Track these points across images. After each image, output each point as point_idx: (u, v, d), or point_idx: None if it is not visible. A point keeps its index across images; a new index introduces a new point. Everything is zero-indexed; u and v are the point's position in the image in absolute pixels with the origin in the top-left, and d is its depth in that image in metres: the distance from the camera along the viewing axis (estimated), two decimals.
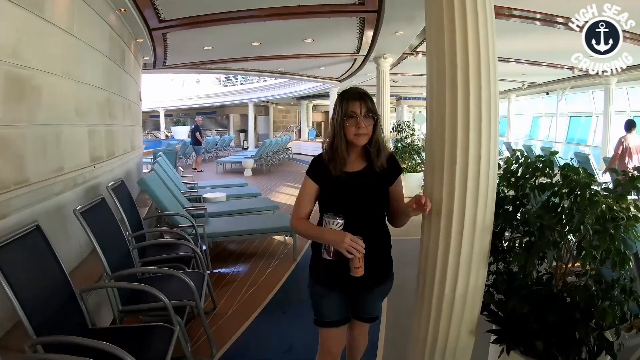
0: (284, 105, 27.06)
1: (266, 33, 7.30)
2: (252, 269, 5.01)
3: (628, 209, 2.13)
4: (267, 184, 11.91)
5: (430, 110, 2.16)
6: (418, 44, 8.34)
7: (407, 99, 21.04)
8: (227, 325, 3.67)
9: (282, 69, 12.55)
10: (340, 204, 2.11)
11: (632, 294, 2.10)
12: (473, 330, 2.29)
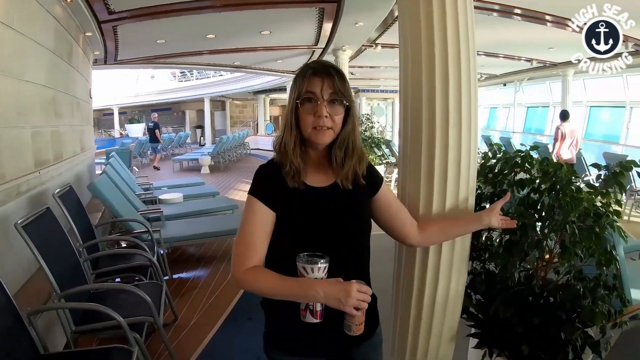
0: (241, 100, 26.72)
1: (222, 25, 7.05)
2: (213, 274, 4.79)
3: (609, 204, 2.08)
4: (225, 181, 11.67)
5: (404, 106, 1.98)
6: (377, 35, 8.25)
7: (365, 92, 21.01)
8: (189, 338, 3.46)
9: (239, 63, 12.26)
10: (312, 236, 1.44)
11: (615, 290, 2.07)
12: (454, 336, 2.18)
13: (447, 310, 2.07)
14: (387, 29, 7.48)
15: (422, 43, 1.83)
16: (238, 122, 27.81)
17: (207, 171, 13.54)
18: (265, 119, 24.62)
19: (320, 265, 1.35)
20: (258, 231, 1.43)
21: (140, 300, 2.66)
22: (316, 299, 1.32)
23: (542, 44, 8.53)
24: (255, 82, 18.74)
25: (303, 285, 1.34)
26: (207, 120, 24.02)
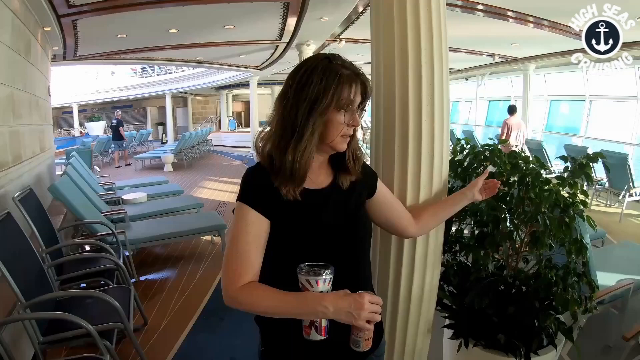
0: (203, 95, 26.30)
1: (185, 19, 6.89)
2: (181, 274, 4.69)
3: (576, 195, 2.14)
4: (189, 179, 11.48)
5: (376, 100, 1.97)
6: (341, 31, 8.25)
7: None
8: (161, 342, 3.36)
9: (201, 58, 12.05)
10: (314, 245, 1.31)
11: (584, 277, 2.15)
12: (430, 328, 2.20)
13: (423, 303, 2.09)
14: (351, 24, 7.48)
15: (395, 38, 1.83)
16: (200, 118, 27.35)
17: (170, 169, 13.29)
18: (228, 115, 24.36)
19: (325, 277, 1.21)
20: (252, 243, 1.27)
21: (109, 306, 2.57)
22: (325, 315, 1.19)
23: (504, 40, 8.71)
24: (218, 78, 18.48)
25: (309, 301, 1.20)
26: (169, 117, 23.52)
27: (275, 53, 10.66)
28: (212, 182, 10.86)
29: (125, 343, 3.23)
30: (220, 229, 5.02)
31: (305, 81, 1.25)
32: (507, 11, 6.17)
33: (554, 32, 7.01)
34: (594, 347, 3.32)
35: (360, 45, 9.22)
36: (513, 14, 6.26)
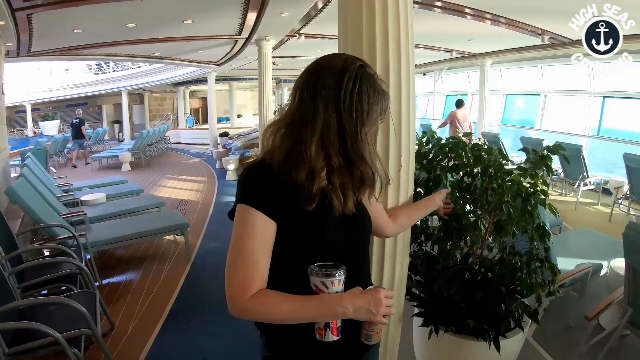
0: (160, 92, 25.71)
1: (143, 13, 6.68)
2: (145, 276, 4.61)
3: (536, 185, 2.23)
4: (147, 178, 11.25)
5: None
6: (301, 26, 8.21)
7: (287, 82, 21.05)
8: (129, 346, 3.30)
9: (159, 54, 11.77)
10: (324, 246, 1.28)
11: (547, 262, 2.25)
12: (401, 317, 2.26)
13: (394, 293, 2.13)
14: (311, 19, 7.46)
15: (364, 36, 1.86)
16: (157, 115, 26.74)
17: (128, 168, 12.98)
18: (186, 111, 23.89)
19: (339, 277, 1.19)
20: (261, 249, 1.20)
21: (76, 312, 2.51)
22: (345, 315, 1.18)
23: (462, 36, 8.84)
24: (175, 74, 18.08)
25: (328, 302, 1.18)
26: (125, 115, 22.89)
27: (234, 48, 10.52)
28: (171, 181, 10.69)
29: (93, 349, 3.14)
30: (182, 228, 4.96)
31: (352, 91, 1.19)
32: (465, 8, 6.28)
33: (511, 29, 7.20)
34: (557, 329, 3.50)
35: (320, 40, 9.22)
36: (471, 10, 6.38)
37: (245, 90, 24.39)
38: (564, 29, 7.27)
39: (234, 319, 3.05)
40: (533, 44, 8.47)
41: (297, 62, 14.34)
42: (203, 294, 4.22)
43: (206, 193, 8.93)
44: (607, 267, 3.69)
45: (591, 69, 9.25)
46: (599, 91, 9.48)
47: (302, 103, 1.21)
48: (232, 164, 10.28)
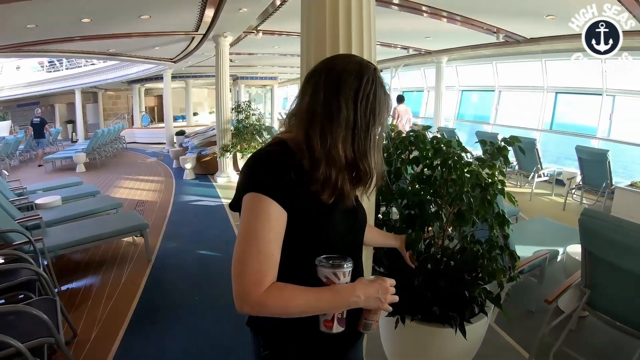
0: (114, 90, 25.01)
1: (99, 8, 6.52)
2: (105, 280, 4.49)
3: (494, 175, 2.30)
4: (103, 179, 10.94)
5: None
6: (259, 22, 8.16)
7: (244, 79, 20.92)
8: (94, 352, 3.21)
9: (114, 50, 11.49)
10: (333, 238, 1.29)
11: (506, 249, 2.33)
12: None
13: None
14: (269, 16, 7.43)
15: (327, 33, 1.86)
16: (112, 114, 25.96)
17: (83, 169, 12.58)
18: (141, 110, 23.29)
19: (348, 269, 1.22)
20: (275, 240, 1.17)
21: (36, 320, 2.42)
22: (357, 304, 1.22)
23: (419, 33, 9.00)
24: (131, 71, 17.68)
25: (342, 293, 1.20)
26: (79, 114, 22.17)
27: (191, 45, 10.39)
28: (128, 181, 10.43)
29: (57, 358, 3.04)
30: (141, 229, 4.86)
31: (369, 92, 1.24)
32: (422, 6, 6.39)
33: (466, 26, 7.39)
34: (519, 313, 3.66)
35: (277, 37, 9.21)
36: (427, 8, 6.49)
37: (201, 88, 24.09)
38: (519, 28, 7.52)
39: (198, 319, 2.98)
40: (488, 41, 8.71)
41: (254, 59, 14.26)
42: (166, 295, 4.16)
43: (164, 193, 8.77)
44: (563, 253, 3.87)
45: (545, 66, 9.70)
46: (552, 87, 9.84)
47: (326, 99, 1.22)
48: (189, 163, 10.14)
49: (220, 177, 9.58)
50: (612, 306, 2.73)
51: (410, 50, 11.07)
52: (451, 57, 11.35)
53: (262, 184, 1.17)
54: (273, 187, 1.17)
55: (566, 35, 7.52)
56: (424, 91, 14.24)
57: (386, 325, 2.60)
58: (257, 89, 22.15)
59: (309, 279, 1.21)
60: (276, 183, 1.18)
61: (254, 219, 1.16)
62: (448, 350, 2.45)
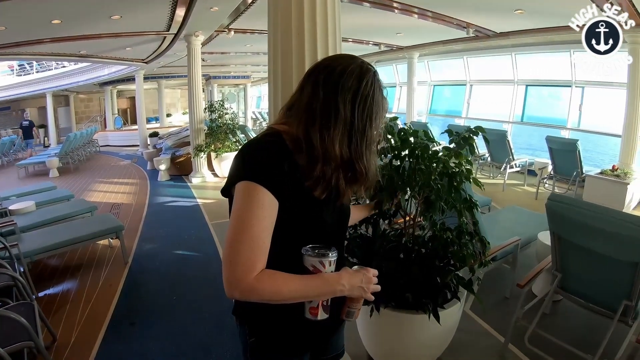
0: (86, 93, 24.58)
1: (69, 9, 6.41)
2: (82, 284, 4.44)
3: (461, 164, 2.36)
4: (78, 183, 10.78)
5: (274, 89, 2.02)
6: (230, 21, 8.12)
7: (216, 78, 20.79)
8: (74, 356, 3.18)
9: (85, 52, 11.28)
10: (319, 229, 1.35)
11: (476, 235, 2.39)
12: None
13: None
14: (240, 14, 7.40)
15: (293, 30, 1.88)
16: (84, 117, 25.50)
17: (56, 174, 12.34)
18: (114, 112, 22.97)
19: (332, 259, 1.26)
20: (267, 228, 1.20)
21: (16, 324, 2.40)
22: (342, 293, 1.27)
23: (390, 30, 9.08)
24: (102, 73, 17.41)
25: (329, 281, 1.25)
26: (51, 118, 21.70)
27: (162, 45, 10.28)
28: (102, 185, 10.30)
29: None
30: (117, 231, 4.83)
31: (367, 95, 1.28)
32: (393, 2, 6.44)
33: (437, 22, 7.48)
34: (493, 300, 3.76)
35: (249, 35, 9.18)
36: (399, 5, 6.55)
37: (174, 89, 23.87)
38: (488, 22, 7.64)
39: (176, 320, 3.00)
40: (459, 36, 8.82)
41: (227, 58, 14.17)
42: (144, 297, 4.15)
43: (139, 195, 8.69)
44: (535, 240, 3.97)
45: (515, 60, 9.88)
46: (522, 80, 10.03)
47: (325, 98, 1.25)
48: (164, 164, 10.05)
49: (195, 178, 9.52)
50: (583, 288, 2.82)
51: (382, 47, 11.13)
52: (422, 52, 11.45)
53: (257, 173, 1.20)
54: (267, 176, 1.19)
55: (535, 29, 7.68)
56: (396, 87, 14.39)
57: (361, 313, 2.64)
58: (230, 88, 22.00)
59: (295, 267, 1.25)
60: (270, 173, 1.20)
61: (247, 207, 1.18)
62: (424, 336, 2.51)
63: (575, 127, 8.96)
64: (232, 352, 3.14)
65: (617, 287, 2.56)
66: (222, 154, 9.69)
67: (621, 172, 6.41)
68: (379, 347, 2.79)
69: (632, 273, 2.43)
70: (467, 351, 3.06)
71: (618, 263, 2.49)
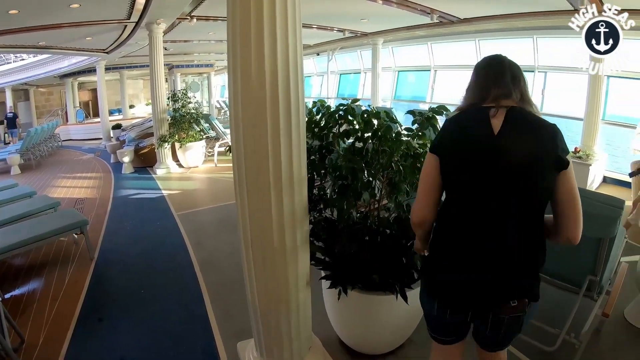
0: (46, 86, 23.83)
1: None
2: (48, 282, 4.33)
3: (425, 145, 2.38)
4: (40, 180, 10.45)
5: (234, 75, 1.99)
6: (192, 9, 7.97)
7: (180, 67, 20.43)
8: (44, 357, 3.10)
9: (44, 43, 10.88)
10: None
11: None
12: (308, 281, 2.33)
13: (298, 257, 2.20)
14: (202, 1, 7.27)
15: (252, 16, 1.86)
16: (45, 112, 24.76)
17: (17, 171, 11.92)
18: (75, 105, 22.31)
19: None
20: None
21: None
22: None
23: (355, 16, 9.04)
24: (63, 65, 16.93)
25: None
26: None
27: (123, 34, 10.00)
28: (65, 180, 10.03)
29: None
30: (81, 226, 4.72)
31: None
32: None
33: (402, 8, 7.47)
34: None
35: (212, 23, 9.03)
36: None
37: (136, 79, 23.40)
38: (452, 8, 7.70)
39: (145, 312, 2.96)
40: (423, 22, 8.87)
41: (189, 47, 13.95)
42: (111, 292, 4.08)
43: (103, 189, 8.51)
44: None
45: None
46: None
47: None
48: (127, 156, 9.85)
49: (159, 169, 9.37)
50: (548, 265, 2.89)
51: (347, 33, 11.09)
52: (387, 38, 11.46)
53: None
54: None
55: (498, 15, 7.78)
56: (361, 73, 14.43)
57: (329, 296, 2.65)
58: (193, 77, 21.67)
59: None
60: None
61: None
62: (392, 316, 2.54)
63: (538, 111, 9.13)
64: (203, 341, 3.13)
65: (582, 263, 2.63)
66: (187, 143, 9.55)
67: (583, 154, 6.62)
68: (349, 330, 2.82)
69: (596, 249, 2.51)
70: None
71: (583, 239, 2.55)
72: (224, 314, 3.44)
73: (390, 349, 2.83)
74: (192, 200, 7.13)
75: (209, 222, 5.91)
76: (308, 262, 2.32)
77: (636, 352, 2.93)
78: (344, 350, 2.88)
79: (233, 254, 4.56)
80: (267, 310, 2.28)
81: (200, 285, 3.99)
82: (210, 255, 4.65)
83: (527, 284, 1.58)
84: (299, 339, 2.40)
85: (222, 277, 4.10)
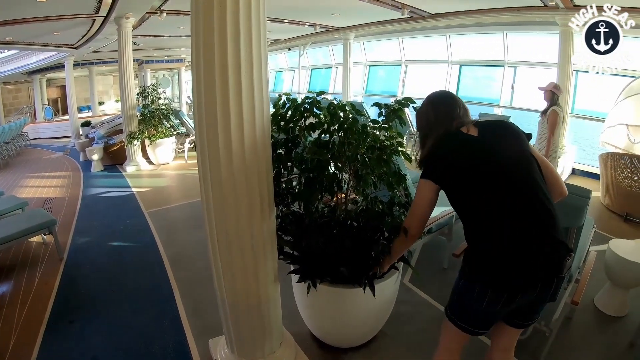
0: (14, 83, 23.15)
1: None
2: (17, 285, 4.20)
3: (392, 137, 2.39)
4: (7, 179, 10.18)
5: (197, 71, 1.97)
6: (161, 3, 7.84)
7: (149, 63, 20.11)
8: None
9: (10, 38, 10.56)
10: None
11: (409, 207, 2.41)
12: (276, 277, 2.33)
13: (266, 251, 2.20)
14: None
15: (215, 11, 1.83)
16: (12, 110, 24.11)
17: None
18: (43, 102, 21.77)
19: None
20: None
21: None
22: None
23: (326, 10, 9.03)
24: (30, 61, 16.54)
25: None
26: None
27: (92, 28, 9.78)
28: (34, 180, 9.78)
29: None
30: (50, 225, 4.61)
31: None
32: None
33: (373, 3, 7.49)
34: (432, 271, 3.87)
35: (182, 17, 8.90)
36: None
37: (106, 75, 22.89)
38: (423, 3, 7.75)
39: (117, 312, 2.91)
40: (394, 17, 8.90)
41: (159, 42, 13.75)
42: (81, 292, 4.00)
43: (72, 187, 8.33)
44: None
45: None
46: (457, 60, 10.29)
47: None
48: (97, 154, 9.64)
49: (129, 166, 9.21)
50: None
51: (318, 28, 11.07)
52: (358, 33, 11.49)
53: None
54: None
55: (468, 10, 7.87)
56: (332, 68, 14.46)
57: (299, 290, 2.65)
58: (164, 73, 21.35)
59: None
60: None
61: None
62: (362, 309, 2.54)
63: (507, 105, 9.29)
64: (174, 339, 3.09)
65: None
66: (157, 140, 9.41)
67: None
68: (320, 324, 2.82)
69: (565, 238, 2.56)
70: (410, 322, 3.14)
71: None
72: (194, 311, 3.42)
73: (363, 341, 2.84)
74: (162, 197, 7.04)
75: (179, 219, 5.85)
76: (276, 256, 2.31)
77: (606, 338, 3.02)
78: (316, 344, 2.89)
79: (203, 250, 4.50)
80: (236, 305, 2.27)
81: (170, 282, 3.95)
82: (180, 252, 4.60)
83: (566, 242, 1.78)
84: (269, 334, 2.40)
85: (192, 274, 4.06)
